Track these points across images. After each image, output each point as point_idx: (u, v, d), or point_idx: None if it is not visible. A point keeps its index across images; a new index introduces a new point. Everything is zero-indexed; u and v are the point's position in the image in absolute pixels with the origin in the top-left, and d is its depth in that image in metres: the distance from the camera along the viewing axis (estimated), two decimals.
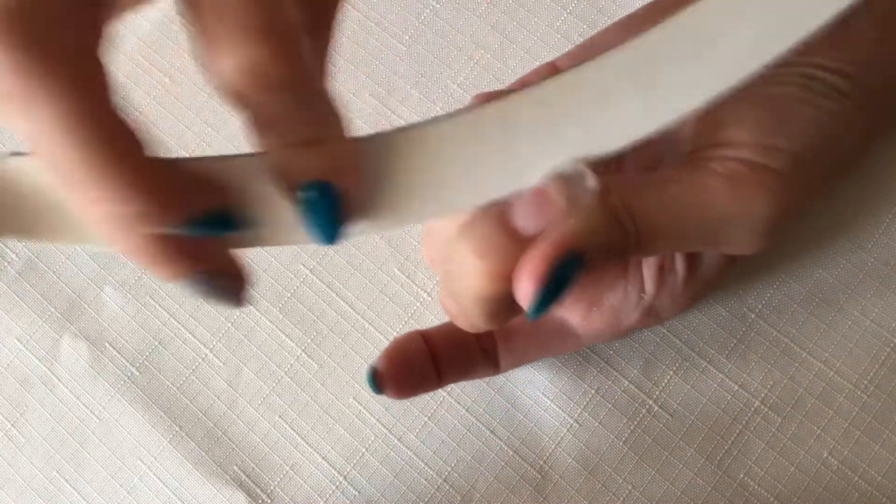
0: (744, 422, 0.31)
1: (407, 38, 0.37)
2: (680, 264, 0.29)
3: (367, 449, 0.33)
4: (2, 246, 0.37)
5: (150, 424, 0.34)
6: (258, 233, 0.21)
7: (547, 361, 0.33)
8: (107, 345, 0.35)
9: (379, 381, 0.29)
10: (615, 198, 0.24)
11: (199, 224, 0.19)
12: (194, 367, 0.35)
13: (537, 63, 0.36)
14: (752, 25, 0.21)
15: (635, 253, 0.25)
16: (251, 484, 0.33)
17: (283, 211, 0.20)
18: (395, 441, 0.33)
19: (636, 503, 0.31)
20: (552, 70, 0.30)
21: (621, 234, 0.24)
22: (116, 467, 0.34)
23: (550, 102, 0.21)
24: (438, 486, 0.32)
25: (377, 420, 0.33)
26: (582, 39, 0.36)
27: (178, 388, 0.35)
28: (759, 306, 0.32)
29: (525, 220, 0.23)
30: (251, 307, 0.35)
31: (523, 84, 0.28)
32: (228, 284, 0.21)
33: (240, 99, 0.19)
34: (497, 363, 0.31)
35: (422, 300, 0.34)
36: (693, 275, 0.29)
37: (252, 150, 0.20)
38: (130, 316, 0.36)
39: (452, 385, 0.33)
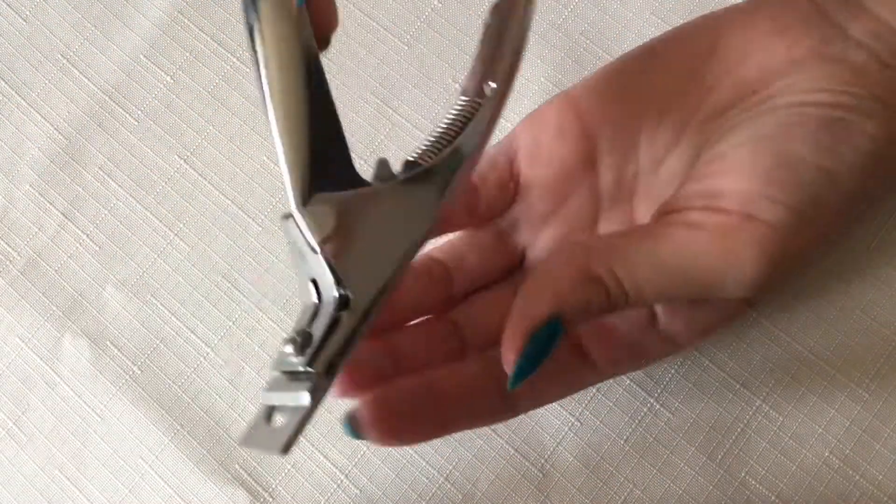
0: (745, 420, 0.31)
1: (409, 37, 0.37)
2: None
3: (368, 447, 0.33)
4: (3, 244, 0.37)
5: (151, 423, 0.34)
6: None
7: None
8: (108, 343, 0.35)
9: None
10: (597, 264, 0.25)
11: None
12: (196, 366, 0.35)
13: (539, 61, 0.36)
14: None
15: (625, 308, 0.25)
16: (253, 482, 0.33)
17: None
18: None
19: (637, 502, 0.31)
20: (567, 100, 0.29)
21: (604, 297, 0.25)
22: (118, 466, 0.34)
23: None
24: (440, 485, 0.32)
25: None
26: (583, 37, 0.36)
27: (179, 386, 0.35)
28: (761, 304, 0.32)
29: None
30: (252, 305, 0.35)
31: (540, 115, 0.29)
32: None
33: None
34: (515, 409, 0.28)
35: None
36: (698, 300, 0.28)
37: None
38: (132, 314, 0.36)
39: None
